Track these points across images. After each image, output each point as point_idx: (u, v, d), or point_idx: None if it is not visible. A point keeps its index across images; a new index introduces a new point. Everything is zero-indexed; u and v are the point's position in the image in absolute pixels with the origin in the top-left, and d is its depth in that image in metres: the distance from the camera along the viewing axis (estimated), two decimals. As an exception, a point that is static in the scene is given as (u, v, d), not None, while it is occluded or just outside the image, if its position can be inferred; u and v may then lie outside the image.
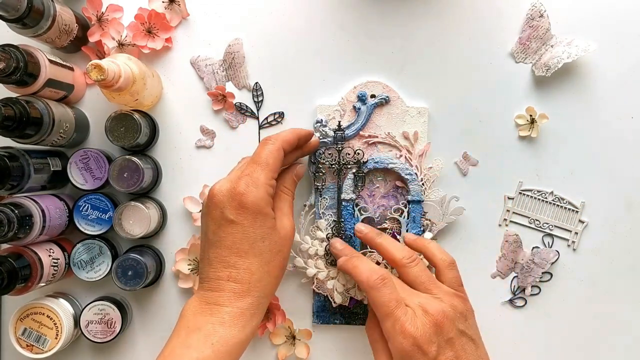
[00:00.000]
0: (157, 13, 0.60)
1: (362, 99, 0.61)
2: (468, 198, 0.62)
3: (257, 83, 0.62)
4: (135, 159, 0.56)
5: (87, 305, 0.59)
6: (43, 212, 0.54)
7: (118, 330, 0.58)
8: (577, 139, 0.62)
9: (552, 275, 0.62)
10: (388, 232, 0.61)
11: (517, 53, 0.61)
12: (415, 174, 0.61)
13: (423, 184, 0.61)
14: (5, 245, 0.57)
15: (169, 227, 0.62)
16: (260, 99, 0.62)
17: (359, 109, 0.61)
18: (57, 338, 0.57)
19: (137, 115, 0.56)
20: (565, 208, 0.62)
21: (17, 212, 0.51)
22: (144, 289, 0.62)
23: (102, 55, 0.61)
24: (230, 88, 0.62)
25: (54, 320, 0.57)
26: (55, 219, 0.56)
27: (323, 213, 0.61)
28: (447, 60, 0.62)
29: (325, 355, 0.63)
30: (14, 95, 0.52)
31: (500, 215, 0.62)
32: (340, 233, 0.61)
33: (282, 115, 0.62)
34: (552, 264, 0.62)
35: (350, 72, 0.62)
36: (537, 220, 0.62)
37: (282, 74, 0.62)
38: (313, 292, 0.62)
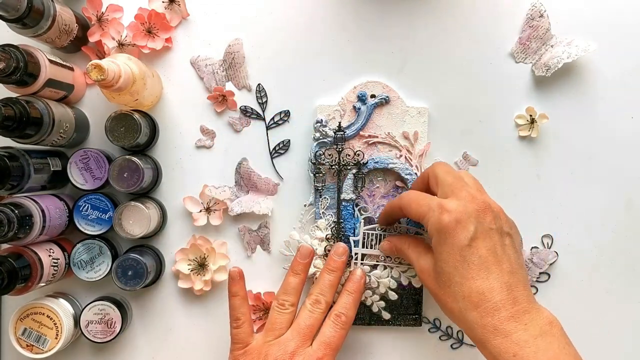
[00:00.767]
0: (157, 13, 0.60)
1: (362, 99, 0.61)
2: (468, 198, 0.62)
3: (259, 84, 0.62)
4: (135, 159, 0.56)
5: (87, 305, 0.59)
6: (43, 212, 0.54)
7: (118, 330, 0.58)
8: (577, 139, 0.62)
9: (549, 276, 0.62)
10: (388, 232, 0.61)
11: (517, 53, 0.61)
12: (415, 174, 0.61)
13: (423, 184, 0.61)
14: (5, 245, 0.57)
15: (169, 227, 0.62)
16: (265, 100, 0.62)
17: (359, 109, 0.61)
18: (57, 338, 0.57)
19: (137, 115, 0.56)
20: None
21: (17, 212, 0.51)
22: (144, 289, 0.62)
23: (102, 55, 0.61)
24: (230, 88, 0.62)
25: (54, 320, 0.57)
26: (55, 219, 0.56)
27: (323, 213, 0.61)
28: (447, 60, 0.62)
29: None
30: (14, 95, 0.52)
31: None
32: (340, 234, 0.61)
33: (287, 114, 0.62)
34: (550, 265, 0.62)
35: (350, 72, 0.62)
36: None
37: (282, 74, 0.62)
38: (313, 292, 0.62)
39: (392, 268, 0.60)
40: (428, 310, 0.63)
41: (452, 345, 0.63)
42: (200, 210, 0.61)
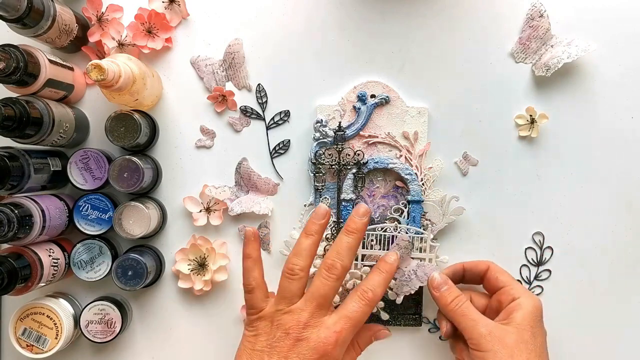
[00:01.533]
0: (157, 13, 0.60)
1: (362, 99, 0.61)
2: (468, 198, 0.62)
3: (259, 84, 0.62)
4: (135, 159, 0.56)
5: (87, 305, 0.59)
6: (43, 212, 0.54)
7: (118, 330, 0.58)
8: (577, 139, 0.62)
9: (550, 273, 0.62)
10: (388, 233, 0.61)
11: (517, 53, 0.61)
12: (415, 174, 0.61)
13: (423, 184, 0.61)
14: (5, 245, 0.57)
15: (169, 227, 0.62)
16: (265, 100, 0.62)
17: (359, 109, 0.61)
18: (57, 338, 0.57)
19: (137, 115, 0.56)
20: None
21: (17, 212, 0.51)
22: (144, 289, 0.62)
23: (102, 55, 0.61)
24: (230, 88, 0.62)
25: (54, 320, 0.57)
26: (55, 219, 0.56)
27: (323, 213, 0.61)
28: (447, 60, 0.62)
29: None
30: (14, 95, 0.52)
31: (501, 215, 0.62)
32: (340, 233, 0.61)
33: (287, 114, 0.62)
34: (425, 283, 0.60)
35: (350, 72, 0.62)
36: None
37: (282, 74, 0.62)
38: (313, 292, 0.62)
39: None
40: (428, 310, 0.63)
41: (452, 345, 0.63)
42: (200, 210, 0.61)
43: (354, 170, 0.61)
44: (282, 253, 0.62)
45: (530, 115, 0.61)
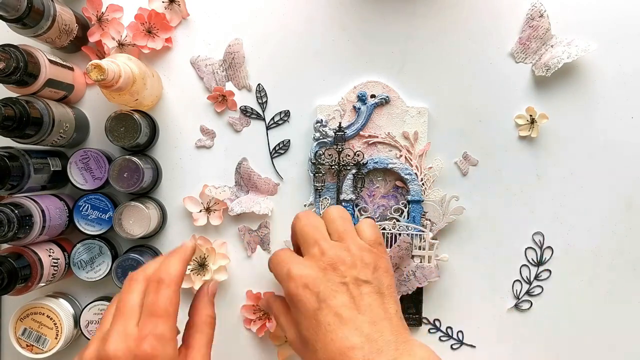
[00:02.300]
0: (157, 13, 0.60)
1: (362, 99, 0.61)
2: (468, 198, 0.62)
3: (259, 84, 0.62)
4: (135, 159, 0.56)
5: (87, 305, 0.59)
6: (43, 212, 0.54)
7: (118, 330, 0.58)
8: (577, 139, 0.62)
9: (550, 273, 0.62)
10: (388, 232, 0.61)
11: (517, 53, 0.61)
12: (415, 174, 0.61)
13: (423, 184, 0.61)
14: (5, 245, 0.57)
15: (169, 227, 0.62)
16: (265, 100, 0.62)
17: (359, 109, 0.61)
18: (57, 338, 0.57)
19: (137, 115, 0.56)
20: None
21: (17, 212, 0.51)
22: (144, 289, 0.62)
23: (102, 55, 0.61)
24: (230, 88, 0.62)
25: (54, 320, 0.57)
26: (55, 219, 0.56)
27: (323, 213, 0.61)
28: (447, 60, 0.62)
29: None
30: (14, 95, 0.52)
31: (501, 215, 0.62)
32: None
33: (287, 114, 0.62)
34: (429, 282, 0.60)
35: (350, 72, 0.62)
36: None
37: (282, 74, 0.62)
38: (313, 292, 0.62)
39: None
40: (428, 311, 0.63)
41: (452, 346, 0.63)
42: (200, 210, 0.61)
43: (354, 171, 0.61)
44: (282, 253, 0.62)
45: (530, 115, 0.61)
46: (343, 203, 0.61)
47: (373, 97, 0.61)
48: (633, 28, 0.61)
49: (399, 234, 0.60)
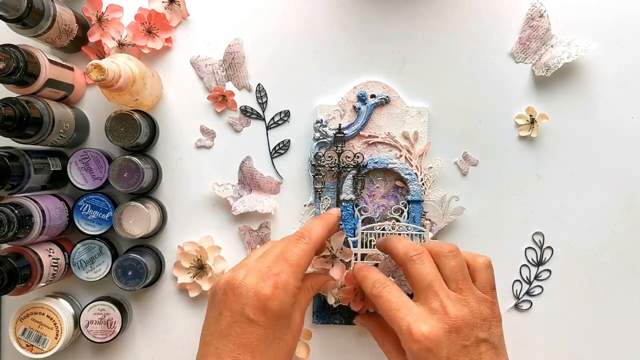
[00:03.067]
0: (157, 13, 0.60)
1: (362, 99, 0.61)
2: (468, 198, 0.62)
3: (259, 84, 0.62)
4: (135, 159, 0.56)
5: (87, 305, 0.59)
6: (43, 212, 0.54)
7: (118, 330, 0.58)
8: (577, 139, 0.62)
9: (550, 273, 0.62)
10: (387, 231, 0.61)
11: (517, 53, 0.61)
12: (415, 174, 0.61)
13: (423, 184, 0.61)
14: (5, 245, 0.57)
15: (169, 227, 0.62)
16: (265, 100, 0.62)
17: (359, 109, 0.61)
18: (57, 338, 0.57)
19: (137, 115, 0.56)
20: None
21: (17, 212, 0.51)
22: (144, 289, 0.62)
23: (102, 55, 0.61)
24: (230, 88, 0.62)
25: (54, 320, 0.57)
26: (55, 219, 0.56)
27: (323, 213, 0.61)
28: (447, 60, 0.62)
29: (325, 355, 0.63)
30: (14, 95, 0.52)
31: (502, 215, 0.62)
32: (340, 233, 0.61)
33: (287, 114, 0.62)
34: None
35: (350, 72, 0.62)
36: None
37: (282, 74, 0.62)
38: (313, 292, 0.62)
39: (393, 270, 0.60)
40: (428, 310, 0.63)
41: (452, 345, 0.63)
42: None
43: (354, 172, 0.61)
44: (282, 253, 0.62)
45: (530, 115, 0.61)
46: (343, 203, 0.61)
47: (373, 97, 0.61)
48: (633, 28, 0.61)
49: (399, 234, 0.60)
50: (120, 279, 0.57)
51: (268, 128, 0.62)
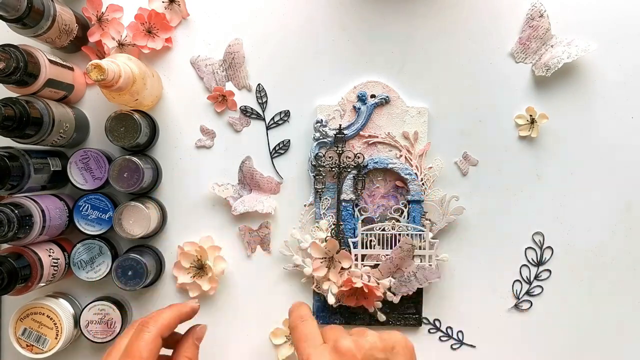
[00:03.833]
0: (157, 13, 0.60)
1: (362, 99, 0.61)
2: (468, 198, 0.62)
3: (259, 84, 0.62)
4: (135, 159, 0.56)
5: (87, 305, 0.59)
6: (43, 212, 0.54)
7: (118, 330, 0.58)
8: (577, 139, 0.62)
9: (550, 273, 0.62)
10: (388, 233, 0.61)
11: (517, 53, 0.61)
12: (415, 174, 0.61)
13: (423, 184, 0.61)
14: (5, 245, 0.57)
15: (169, 227, 0.62)
16: (265, 100, 0.62)
17: (359, 109, 0.61)
18: (57, 338, 0.57)
19: (137, 115, 0.56)
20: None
21: (17, 212, 0.51)
22: (144, 289, 0.62)
23: (102, 55, 0.61)
24: (230, 88, 0.62)
25: (54, 320, 0.57)
26: (55, 219, 0.56)
27: (324, 214, 0.61)
28: (447, 61, 0.62)
29: (325, 355, 0.63)
30: (14, 95, 0.52)
31: (501, 216, 0.62)
32: (340, 235, 0.61)
33: (287, 114, 0.62)
34: (429, 283, 0.60)
35: (350, 72, 0.62)
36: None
37: (282, 74, 0.62)
38: (313, 292, 0.62)
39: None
40: (428, 311, 0.63)
41: (452, 346, 0.63)
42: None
43: (354, 173, 0.61)
44: (282, 253, 0.62)
45: (530, 115, 0.61)
46: (343, 203, 0.61)
47: (373, 97, 0.61)
48: (633, 28, 0.61)
49: (399, 234, 0.60)
50: (120, 279, 0.57)
51: (268, 128, 0.62)
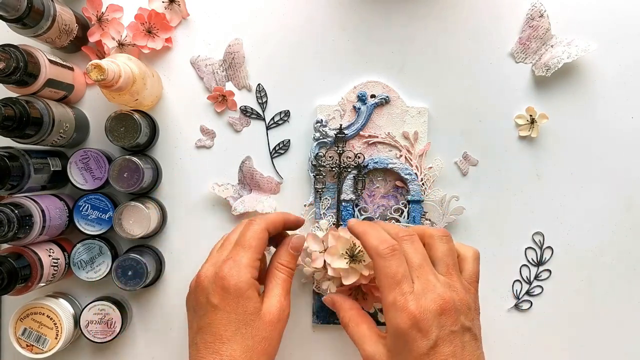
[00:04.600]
0: (157, 13, 0.60)
1: (362, 99, 0.61)
2: (468, 198, 0.62)
3: (259, 84, 0.62)
4: (135, 159, 0.56)
5: (87, 305, 0.59)
6: (43, 212, 0.54)
7: (118, 330, 0.58)
8: (577, 139, 0.62)
9: (550, 273, 0.62)
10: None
11: (517, 53, 0.61)
12: (415, 174, 0.61)
13: (423, 184, 0.61)
14: (5, 245, 0.57)
15: (169, 227, 0.62)
16: (265, 100, 0.62)
17: (359, 109, 0.61)
18: (57, 338, 0.57)
19: (137, 115, 0.56)
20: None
21: (17, 212, 0.51)
22: (144, 289, 0.62)
23: (102, 55, 0.61)
24: (230, 88, 0.62)
25: (54, 320, 0.57)
26: (55, 219, 0.56)
27: (324, 214, 0.61)
28: (447, 61, 0.62)
29: (325, 355, 0.63)
30: (14, 95, 0.52)
31: (501, 215, 0.62)
32: (340, 233, 0.61)
33: (287, 114, 0.62)
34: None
35: (350, 72, 0.62)
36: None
37: (282, 74, 0.62)
38: (313, 292, 0.62)
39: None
40: (428, 310, 0.62)
41: (452, 345, 0.63)
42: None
43: (355, 172, 0.61)
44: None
45: (530, 115, 0.61)
46: (343, 203, 0.61)
47: (373, 97, 0.61)
48: (633, 28, 0.61)
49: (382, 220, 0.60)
50: (120, 279, 0.57)
51: (268, 128, 0.62)
